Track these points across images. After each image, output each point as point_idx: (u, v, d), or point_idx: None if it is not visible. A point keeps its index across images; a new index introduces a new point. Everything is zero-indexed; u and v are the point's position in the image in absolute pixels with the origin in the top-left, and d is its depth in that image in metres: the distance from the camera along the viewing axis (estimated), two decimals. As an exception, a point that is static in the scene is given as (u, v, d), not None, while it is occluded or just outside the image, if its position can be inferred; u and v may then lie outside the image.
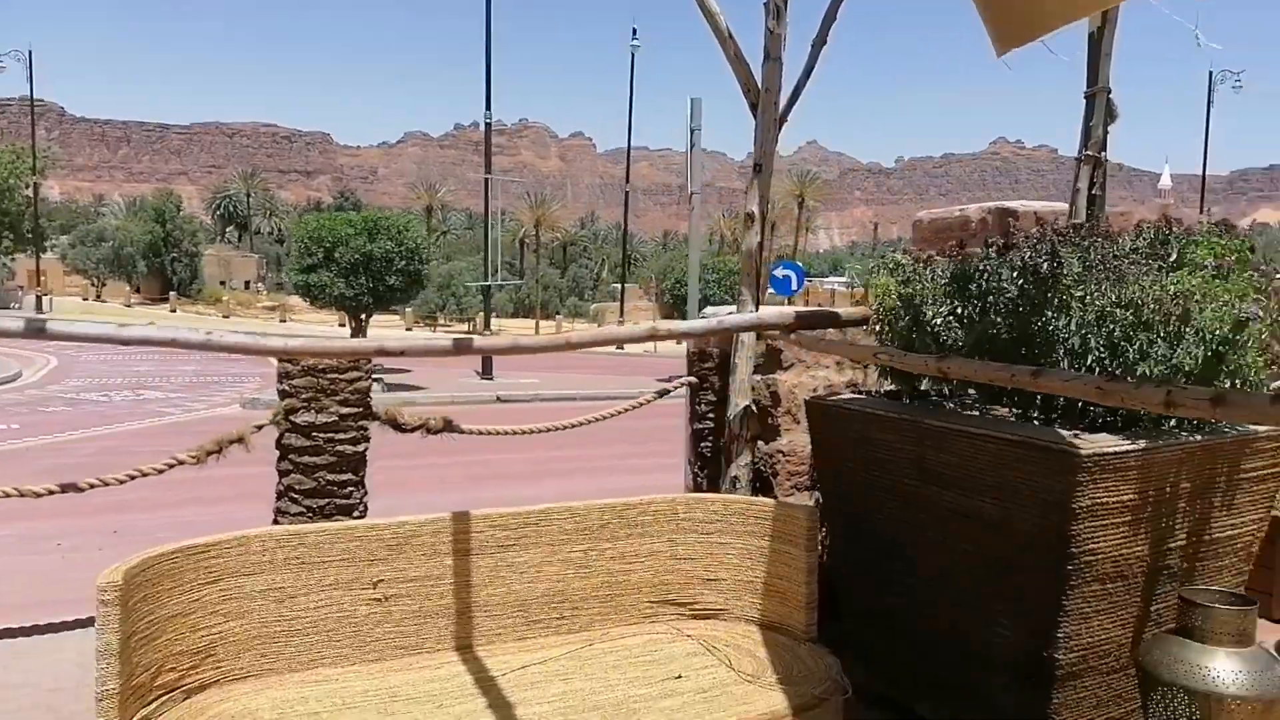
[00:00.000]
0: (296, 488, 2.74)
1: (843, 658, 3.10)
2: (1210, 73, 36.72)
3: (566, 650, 2.77)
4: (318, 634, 2.60)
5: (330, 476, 2.74)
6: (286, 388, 2.67)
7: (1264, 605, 3.95)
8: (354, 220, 17.24)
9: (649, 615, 3.03)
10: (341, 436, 2.74)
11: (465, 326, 43.59)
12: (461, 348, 2.55)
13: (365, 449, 2.83)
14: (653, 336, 2.82)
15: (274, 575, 2.56)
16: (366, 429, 2.82)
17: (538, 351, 2.61)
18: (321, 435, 2.71)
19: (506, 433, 3.06)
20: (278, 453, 2.77)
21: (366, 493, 2.90)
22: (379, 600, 2.66)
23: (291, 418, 2.68)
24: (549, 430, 3.23)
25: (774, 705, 2.41)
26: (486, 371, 21.00)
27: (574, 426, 3.23)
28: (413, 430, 2.92)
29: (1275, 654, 2.55)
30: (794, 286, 22.07)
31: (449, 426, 2.96)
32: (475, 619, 2.77)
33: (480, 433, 3.02)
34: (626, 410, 3.33)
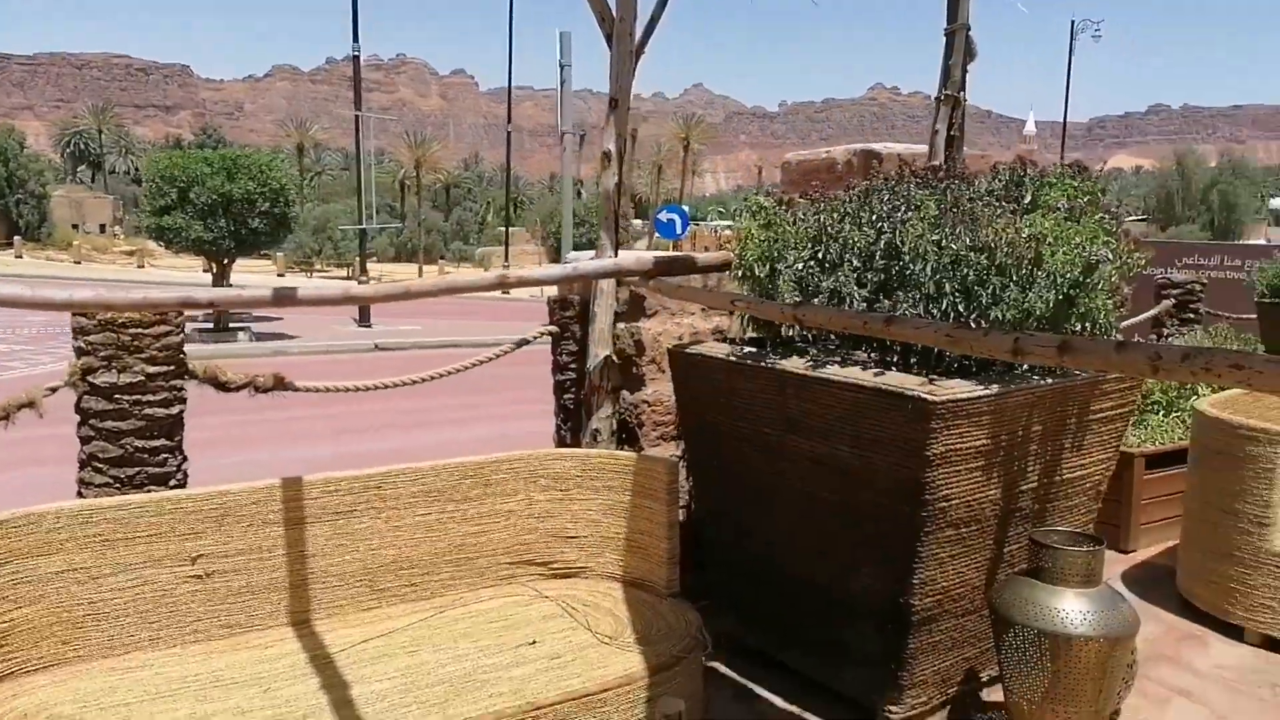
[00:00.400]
0: (101, 456, 2.46)
1: (709, 609, 3.06)
2: (1072, 22, 38.14)
3: (415, 619, 2.61)
4: (129, 617, 2.36)
5: (139, 443, 2.46)
6: (82, 344, 2.37)
7: (1113, 537, 4.13)
8: (211, 158, 16.09)
9: (506, 577, 2.89)
10: (151, 398, 2.46)
11: (344, 272, 41.94)
12: (283, 299, 2.30)
13: (180, 411, 2.56)
14: (502, 284, 2.63)
15: (74, 555, 2.29)
16: (181, 389, 2.55)
17: (374, 301, 2.39)
18: (126, 397, 2.42)
19: (346, 389, 2.83)
20: (77, 417, 2.47)
21: (185, 459, 2.63)
22: (199, 577, 2.43)
23: (90, 378, 2.38)
24: (397, 385, 3.01)
25: (630, 667, 2.32)
26: (364, 319, 20.27)
27: (424, 381, 3.02)
28: (238, 389, 2.66)
29: (1123, 589, 2.61)
30: (679, 230, 22.01)
31: (280, 384, 2.70)
32: (312, 592, 2.57)
33: (317, 390, 2.78)
34: (481, 363, 3.14)
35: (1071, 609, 2.44)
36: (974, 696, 2.94)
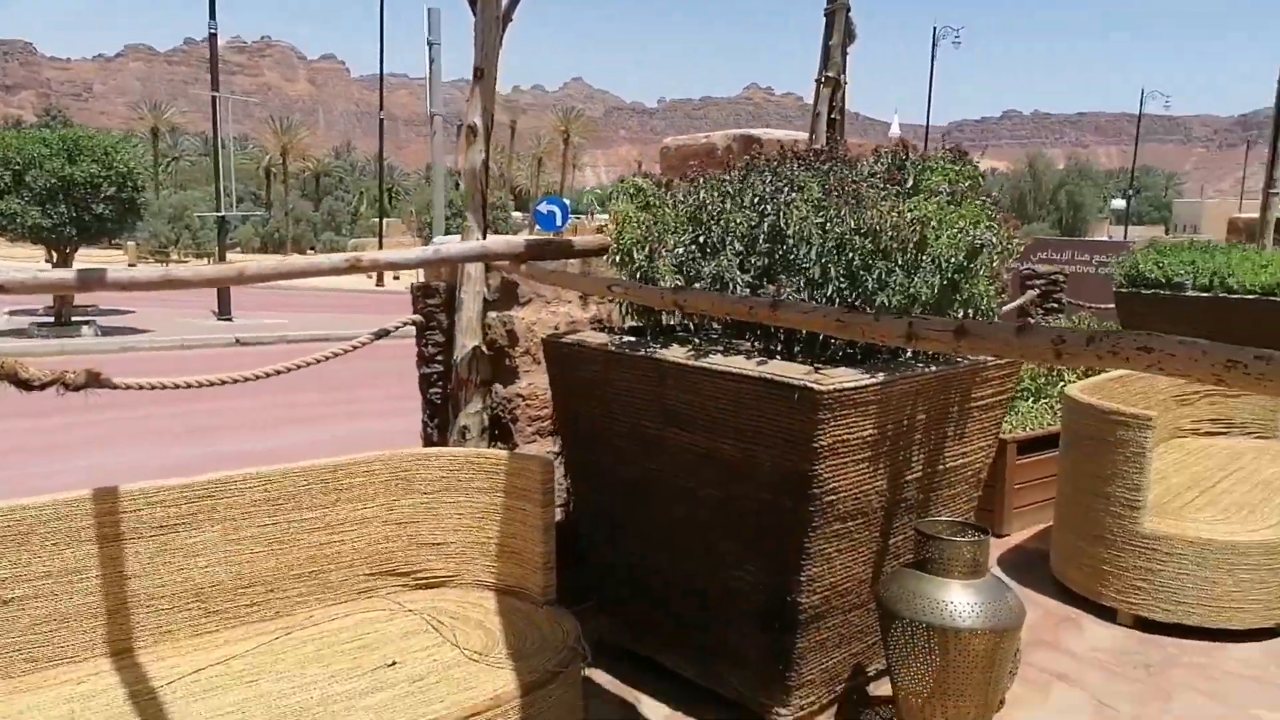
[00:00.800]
0: None
1: (588, 612, 2.88)
2: (934, 28, 39.72)
3: (257, 644, 2.32)
4: (-97, 657, 2.00)
5: (-84, 452, 2.09)
6: None
7: (987, 522, 4.15)
8: (49, 139, 14.77)
9: (364, 591, 2.63)
10: (-70, 400, 2.09)
11: (204, 262, 39.71)
12: (89, 282, 1.99)
13: (-29, 414, 2.20)
14: (354, 269, 2.38)
15: None
16: (-28, 388, 2.19)
17: (200, 285, 2.10)
18: (-102, 399, 2.05)
19: (176, 385, 2.51)
20: None
21: (-21, 469, 2.26)
22: (-5, 606, 2.08)
23: None
24: (236, 381, 2.70)
25: (500, 687, 2.11)
26: (224, 312, 19.15)
27: (263, 377, 2.72)
28: (43, 387, 2.30)
29: (1000, 574, 2.58)
30: (559, 222, 21.73)
31: (95, 381, 2.36)
32: (134, 617, 2.26)
33: (140, 387, 2.45)
34: (331, 357, 2.86)
35: (959, 601, 2.38)
36: (861, 692, 2.87)
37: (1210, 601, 3.18)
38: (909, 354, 2.69)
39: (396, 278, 28.66)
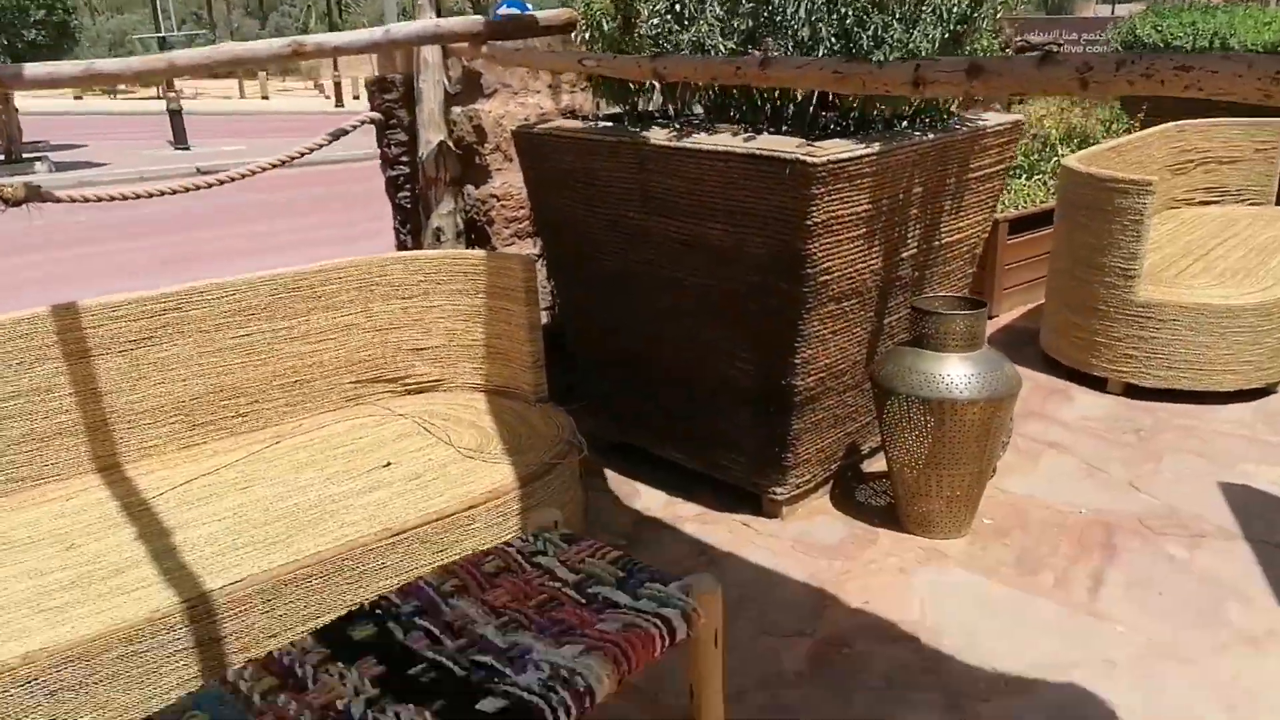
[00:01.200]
0: None
1: (582, 411, 2.86)
2: None
3: (248, 453, 2.28)
4: (-119, 485, 1.95)
5: None
6: None
7: (974, 305, 4.13)
8: (-38, -41, 13.61)
9: (352, 398, 2.58)
10: None
11: (153, 91, 37.63)
12: (5, 80, 1.79)
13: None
14: (296, 54, 2.16)
15: None
16: (-100, 206, 2.02)
17: (128, 80, 1.90)
18: None
19: (121, 197, 2.34)
20: None
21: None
22: (-32, 430, 2.02)
23: None
24: (186, 190, 2.53)
25: (499, 480, 2.10)
26: (181, 141, 18.34)
27: (217, 185, 2.55)
28: (-19, 202, 2.14)
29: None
30: (521, 26, 20.52)
31: (36, 195, 2.20)
32: (116, 433, 2.20)
33: (83, 200, 2.28)
34: (284, 162, 2.67)
35: (955, 374, 2.36)
36: (855, 470, 2.91)
37: (1202, 365, 3.19)
38: (904, 124, 2.53)
39: (356, 97, 27.39)
